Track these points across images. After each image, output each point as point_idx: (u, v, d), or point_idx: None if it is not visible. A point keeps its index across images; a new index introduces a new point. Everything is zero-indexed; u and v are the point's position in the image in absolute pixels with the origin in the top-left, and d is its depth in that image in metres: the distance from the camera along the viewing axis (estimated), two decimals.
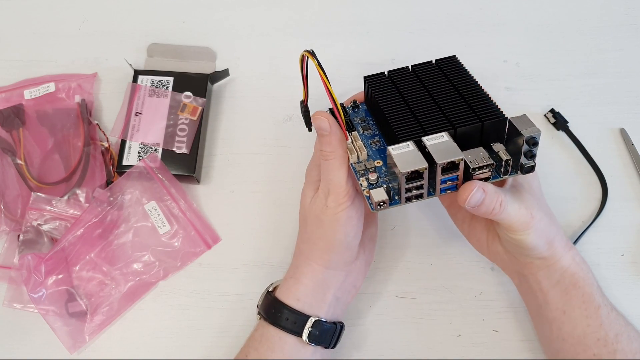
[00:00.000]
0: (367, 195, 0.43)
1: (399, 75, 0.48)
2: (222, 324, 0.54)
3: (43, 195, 0.56)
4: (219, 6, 0.70)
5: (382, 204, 0.42)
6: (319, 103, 0.49)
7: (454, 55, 0.49)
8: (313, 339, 0.46)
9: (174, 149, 0.59)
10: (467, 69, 0.47)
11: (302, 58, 0.44)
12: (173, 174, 0.58)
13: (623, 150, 0.60)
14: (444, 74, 0.47)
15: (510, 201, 0.43)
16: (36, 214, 0.56)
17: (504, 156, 0.41)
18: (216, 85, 0.65)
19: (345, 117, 0.48)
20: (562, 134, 0.61)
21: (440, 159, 0.40)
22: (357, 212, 0.46)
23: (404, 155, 0.41)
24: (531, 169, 0.42)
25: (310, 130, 0.51)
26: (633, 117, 0.62)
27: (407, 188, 0.41)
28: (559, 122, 0.61)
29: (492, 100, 0.44)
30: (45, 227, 0.56)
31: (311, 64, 0.42)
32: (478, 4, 0.70)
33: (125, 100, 0.62)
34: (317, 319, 0.46)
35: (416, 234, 0.57)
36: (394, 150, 0.41)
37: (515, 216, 0.43)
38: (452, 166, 0.41)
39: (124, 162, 0.59)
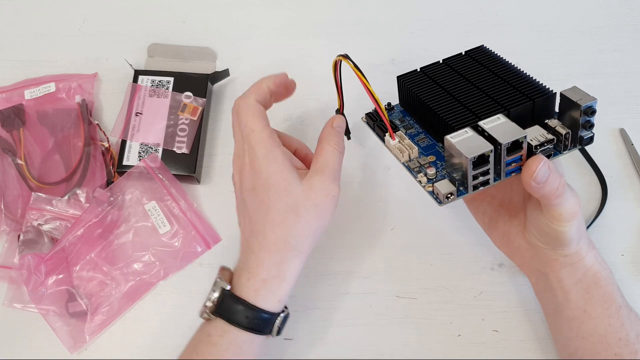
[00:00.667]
0: (430, 190, 0.42)
1: (432, 70, 0.48)
2: None
3: (43, 195, 0.56)
4: (219, 6, 0.70)
5: (449, 195, 0.41)
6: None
7: (483, 45, 0.48)
8: (278, 332, 0.45)
9: (174, 149, 0.59)
10: (499, 55, 0.47)
11: (335, 64, 0.44)
12: (173, 174, 0.58)
13: (623, 150, 0.60)
14: (479, 62, 0.47)
15: (567, 185, 0.42)
16: (36, 214, 0.56)
17: (562, 130, 0.41)
18: (216, 85, 0.65)
19: (390, 122, 0.48)
20: None
21: (504, 140, 0.38)
22: (335, 207, 0.46)
23: (465, 141, 0.39)
24: (590, 140, 0.41)
25: (349, 138, 0.51)
26: (633, 117, 0.62)
27: (474, 175, 0.40)
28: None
29: (535, 78, 0.44)
30: (45, 227, 0.56)
31: (345, 67, 0.42)
32: (478, 4, 0.70)
33: (125, 100, 0.62)
34: (285, 313, 0.46)
35: (416, 234, 0.57)
36: (453, 138, 0.39)
37: (569, 203, 0.42)
38: (514, 147, 0.39)
39: (125, 162, 0.59)
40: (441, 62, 0.48)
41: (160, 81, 0.62)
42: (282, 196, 0.44)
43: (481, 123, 0.40)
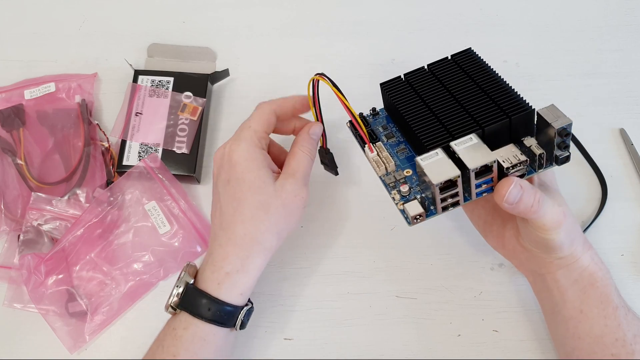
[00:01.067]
0: (401, 209, 0.42)
1: (416, 77, 0.47)
2: None
3: (43, 195, 0.56)
4: (219, 6, 0.70)
5: (418, 217, 0.41)
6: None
7: (470, 48, 0.48)
8: (242, 325, 0.46)
9: (174, 149, 0.59)
10: (484, 61, 0.46)
11: (312, 83, 0.45)
12: (173, 174, 0.58)
13: (623, 150, 0.60)
14: (463, 70, 0.46)
15: (545, 198, 0.42)
16: (36, 214, 0.56)
17: (537, 150, 0.40)
18: (216, 85, 0.65)
19: (367, 127, 0.48)
20: None
21: (473, 165, 0.38)
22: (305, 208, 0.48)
23: (434, 164, 0.39)
24: (566, 159, 0.41)
25: (337, 174, 0.52)
26: (633, 117, 0.62)
27: (442, 198, 0.40)
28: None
29: (516, 92, 0.43)
30: (45, 227, 0.56)
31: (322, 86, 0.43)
32: (478, 4, 0.70)
33: (125, 100, 0.62)
34: (248, 307, 0.46)
35: (416, 234, 0.57)
36: (423, 160, 0.40)
37: (550, 214, 0.42)
38: (485, 169, 0.39)
39: (124, 162, 0.59)
40: (426, 67, 0.48)
41: (160, 81, 0.62)
42: (254, 193, 0.45)
43: (453, 144, 0.40)
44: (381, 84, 0.48)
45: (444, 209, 0.41)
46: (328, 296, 0.55)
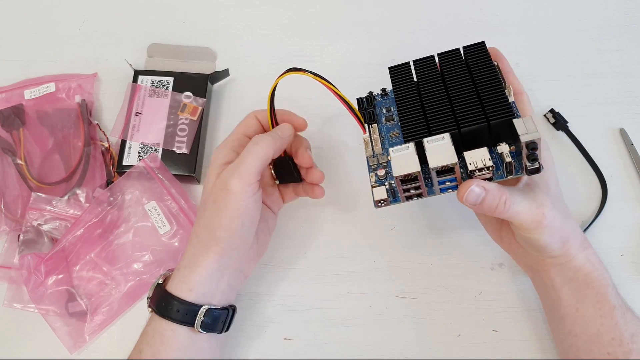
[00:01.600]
0: (372, 191, 0.45)
1: (422, 65, 0.49)
2: None
3: (43, 195, 0.56)
4: (219, 6, 0.70)
5: (382, 201, 0.44)
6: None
7: (483, 42, 0.49)
8: (205, 327, 0.46)
9: (174, 149, 0.59)
10: (491, 60, 0.47)
11: (273, 90, 0.47)
12: (173, 174, 0.58)
13: (623, 150, 0.60)
14: (467, 66, 0.47)
15: (520, 200, 0.42)
16: (36, 214, 0.56)
17: (507, 159, 0.41)
18: (216, 85, 0.65)
19: (369, 108, 0.50)
20: (561, 134, 0.61)
21: (434, 164, 0.40)
22: (256, 204, 0.46)
23: (401, 157, 0.42)
24: (536, 170, 0.41)
25: (301, 180, 0.52)
26: (633, 117, 0.62)
27: (404, 189, 0.42)
28: (558, 122, 0.61)
29: (507, 98, 0.44)
30: (45, 227, 0.56)
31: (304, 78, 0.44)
32: (478, 4, 0.70)
33: (125, 100, 0.62)
34: (208, 307, 0.46)
35: (416, 234, 0.57)
36: (394, 152, 0.42)
37: (525, 215, 0.43)
38: (448, 169, 0.41)
39: (124, 162, 0.59)
40: (435, 56, 0.49)
41: (160, 81, 0.62)
42: (205, 189, 0.47)
43: (425, 141, 0.42)
44: (389, 68, 0.50)
45: (408, 198, 0.44)
46: (328, 296, 0.55)
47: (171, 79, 0.62)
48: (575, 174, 0.59)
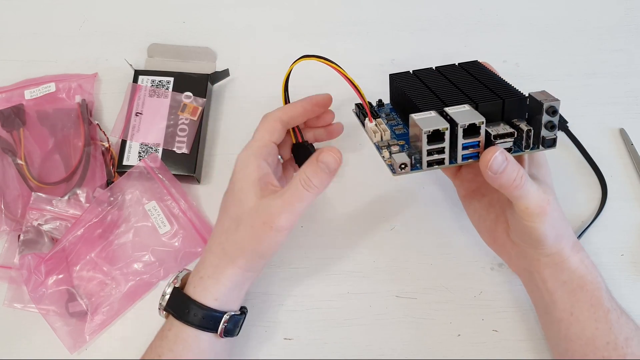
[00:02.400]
0: (389, 163, 0.44)
1: (423, 73, 0.50)
2: None
3: (43, 195, 0.56)
4: (219, 6, 0.70)
5: (403, 165, 0.42)
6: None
7: (477, 60, 0.50)
8: (227, 332, 0.46)
9: (174, 149, 0.59)
10: (487, 69, 0.49)
11: (288, 76, 0.47)
12: (173, 174, 0.58)
13: (623, 150, 0.60)
14: (468, 72, 0.49)
15: (529, 180, 0.42)
16: (36, 214, 0.56)
17: (525, 127, 0.42)
18: (216, 85, 0.65)
19: (370, 108, 0.50)
20: (561, 134, 0.61)
21: (462, 121, 0.40)
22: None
23: (426, 119, 0.42)
24: (553, 142, 0.42)
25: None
26: (633, 117, 0.62)
27: (428, 150, 0.42)
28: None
29: (513, 86, 0.45)
30: (45, 227, 0.56)
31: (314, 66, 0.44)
32: (478, 4, 0.70)
33: (125, 100, 0.62)
34: (231, 314, 0.46)
35: (416, 234, 0.57)
36: (417, 116, 0.42)
37: (534, 196, 0.42)
38: (472, 131, 0.41)
39: (125, 162, 0.59)
40: (434, 68, 0.51)
41: (160, 81, 0.62)
42: (235, 205, 0.46)
43: (447, 109, 0.42)
44: (390, 75, 0.51)
45: (429, 164, 0.43)
46: (328, 296, 0.55)
47: (171, 79, 0.62)
48: (575, 174, 0.59)
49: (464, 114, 0.41)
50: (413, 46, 0.67)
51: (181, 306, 0.46)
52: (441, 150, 0.42)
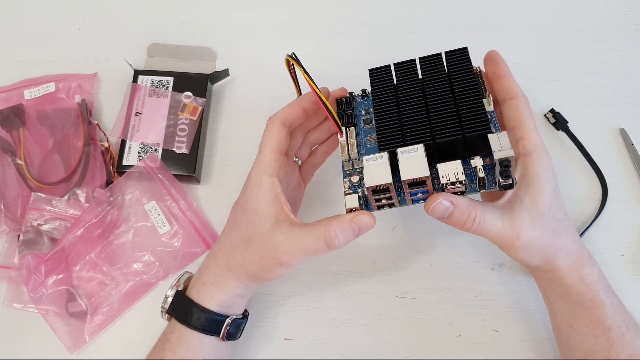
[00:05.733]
0: (344, 198, 0.44)
1: (403, 69, 0.48)
2: None
3: (43, 195, 0.56)
4: (219, 6, 0.70)
5: (354, 209, 0.43)
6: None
7: (466, 47, 0.48)
8: (229, 335, 0.47)
9: (174, 149, 0.59)
10: (472, 67, 0.46)
11: (287, 63, 0.46)
12: (173, 174, 0.58)
13: (623, 150, 0.60)
14: (447, 71, 0.46)
15: (494, 217, 0.41)
16: (36, 214, 0.56)
17: (480, 173, 0.41)
18: (216, 85, 0.65)
19: (348, 110, 0.49)
20: (562, 134, 0.61)
21: (406, 176, 0.40)
22: None
23: (374, 168, 0.41)
24: (509, 186, 0.40)
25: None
26: (633, 117, 0.62)
27: (375, 199, 0.42)
28: (558, 122, 0.61)
29: (485, 110, 0.43)
30: (45, 227, 0.56)
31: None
32: (478, 4, 0.70)
33: (125, 100, 0.62)
34: (234, 317, 0.47)
35: (416, 234, 0.57)
36: (367, 161, 0.42)
37: (496, 234, 0.42)
38: (421, 181, 0.40)
39: (124, 162, 0.59)
40: (417, 60, 0.48)
41: (160, 81, 0.62)
42: (247, 225, 0.45)
43: (399, 151, 0.41)
44: (370, 70, 0.49)
45: (379, 207, 0.43)
46: (328, 296, 0.55)
47: (171, 79, 0.62)
48: (575, 174, 0.59)
49: (412, 163, 0.40)
50: (413, 46, 0.67)
51: (184, 310, 0.46)
52: (389, 197, 0.42)
